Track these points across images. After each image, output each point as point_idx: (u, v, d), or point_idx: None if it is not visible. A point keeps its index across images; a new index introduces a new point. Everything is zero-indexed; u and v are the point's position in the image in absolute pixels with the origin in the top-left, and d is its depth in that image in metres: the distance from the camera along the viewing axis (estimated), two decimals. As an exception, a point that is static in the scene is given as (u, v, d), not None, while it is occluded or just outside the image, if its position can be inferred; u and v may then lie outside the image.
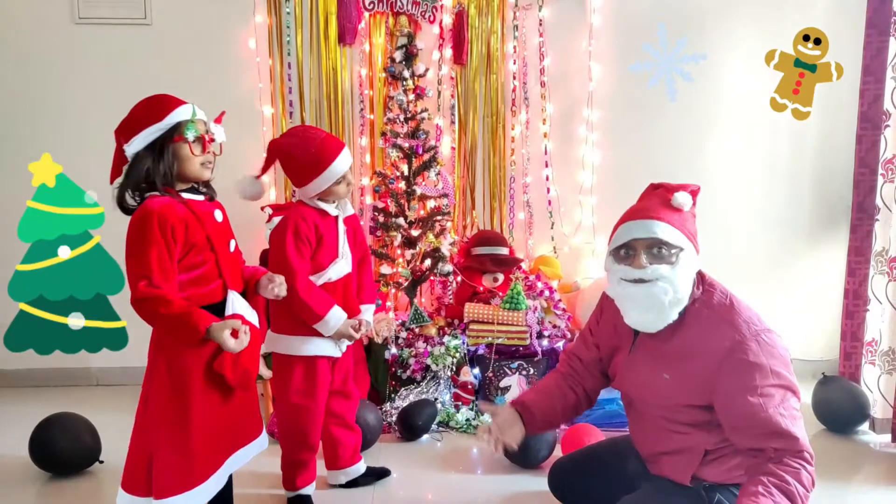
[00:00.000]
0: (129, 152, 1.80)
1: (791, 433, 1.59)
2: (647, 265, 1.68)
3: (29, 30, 3.42)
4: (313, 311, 2.15)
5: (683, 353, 1.71)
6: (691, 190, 1.78)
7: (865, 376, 3.01)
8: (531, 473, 2.59)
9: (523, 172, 3.66)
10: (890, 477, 2.58)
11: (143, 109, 1.81)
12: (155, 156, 1.78)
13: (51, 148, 3.32)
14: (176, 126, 1.79)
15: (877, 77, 2.94)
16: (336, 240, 2.26)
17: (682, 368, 1.71)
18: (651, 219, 1.70)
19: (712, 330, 1.69)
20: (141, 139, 1.78)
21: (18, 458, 2.65)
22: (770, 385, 1.62)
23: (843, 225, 3.28)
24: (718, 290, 1.75)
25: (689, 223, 1.73)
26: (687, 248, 1.69)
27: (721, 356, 1.65)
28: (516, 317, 3.09)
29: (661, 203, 1.74)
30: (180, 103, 1.82)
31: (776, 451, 1.60)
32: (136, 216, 1.76)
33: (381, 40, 3.52)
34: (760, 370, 1.63)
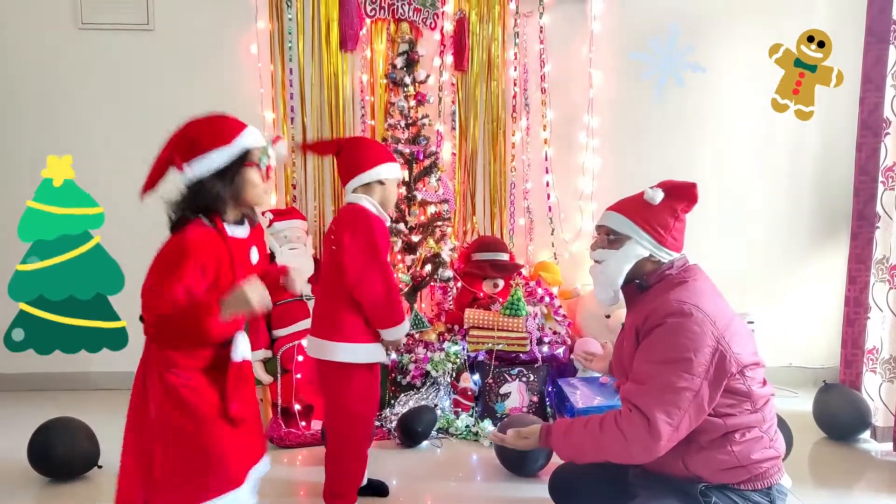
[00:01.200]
0: (189, 175, 1.71)
1: (642, 383, 1.69)
2: (596, 248, 1.94)
3: (32, 35, 3.44)
4: (398, 315, 2.16)
5: (635, 321, 1.83)
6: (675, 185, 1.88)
7: (866, 384, 3.00)
8: (530, 481, 2.59)
9: (524, 178, 3.66)
10: (891, 485, 2.57)
11: (207, 130, 1.73)
12: (225, 182, 1.72)
13: (53, 152, 3.35)
14: (245, 152, 1.74)
15: (877, 85, 2.94)
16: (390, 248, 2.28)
17: (632, 335, 1.83)
18: (610, 209, 1.93)
19: (658, 300, 1.78)
20: (206, 162, 1.70)
21: (17, 463, 2.64)
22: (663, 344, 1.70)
23: (844, 232, 3.28)
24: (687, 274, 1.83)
25: (653, 216, 1.85)
26: (636, 237, 1.84)
27: (646, 318, 1.76)
28: (516, 323, 3.09)
29: (638, 196, 1.90)
30: (243, 126, 1.77)
31: (623, 397, 1.74)
32: (177, 241, 1.69)
33: (383, 46, 3.53)
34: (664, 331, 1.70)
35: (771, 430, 1.77)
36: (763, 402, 1.75)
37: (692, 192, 1.87)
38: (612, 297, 1.90)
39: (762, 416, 1.74)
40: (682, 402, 1.65)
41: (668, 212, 1.86)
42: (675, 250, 1.87)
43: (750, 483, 1.73)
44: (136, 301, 1.70)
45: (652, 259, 1.85)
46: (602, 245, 1.91)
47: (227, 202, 1.74)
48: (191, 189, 1.73)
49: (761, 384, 1.77)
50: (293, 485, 2.57)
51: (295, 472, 2.68)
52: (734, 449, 1.71)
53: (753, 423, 1.73)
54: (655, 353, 1.71)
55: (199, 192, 1.72)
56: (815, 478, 2.66)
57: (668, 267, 1.85)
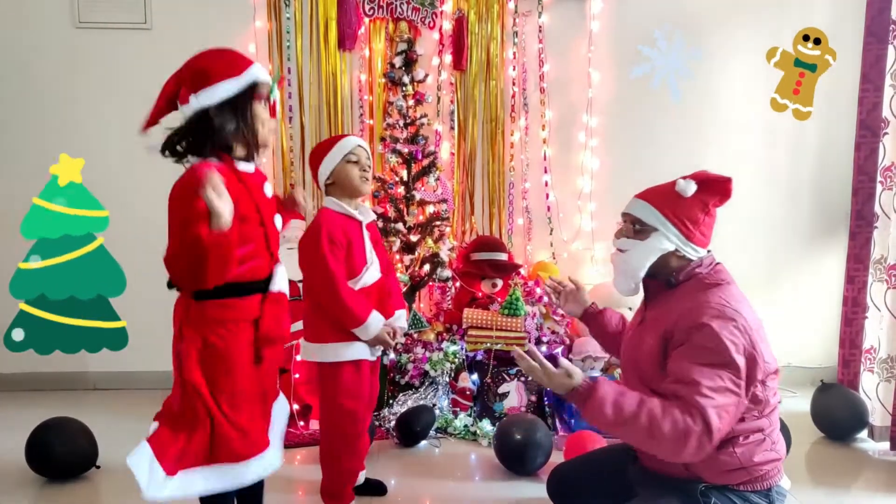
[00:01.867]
0: (194, 106, 1.64)
1: (697, 384, 1.59)
2: (620, 237, 1.87)
3: (30, 34, 3.43)
4: (356, 316, 2.14)
5: (663, 316, 1.77)
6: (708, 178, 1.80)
7: (864, 384, 3.01)
8: (529, 480, 2.59)
9: (522, 178, 3.66)
10: (889, 485, 2.58)
11: (216, 62, 1.67)
12: (237, 114, 1.66)
13: (51, 151, 3.34)
14: (253, 84, 1.69)
15: (876, 84, 2.94)
16: (363, 245, 2.24)
17: (656, 329, 1.77)
18: (638, 197, 1.86)
19: (691, 298, 1.73)
20: (213, 93, 1.63)
21: (15, 463, 2.64)
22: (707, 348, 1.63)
23: (842, 232, 3.29)
24: (720, 276, 1.79)
25: (683, 208, 1.78)
26: (663, 229, 1.78)
27: (682, 317, 1.70)
28: (515, 322, 3.09)
29: (670, 185, 1.82)
30: (251, 61, 1.72)
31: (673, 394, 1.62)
32: (185, 180, 1.60)
33: (381, 46, 3.52)
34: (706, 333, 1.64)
35: (774, 433, 1.77)
36: (771, 410, 1.75)
37: (726, 187, 1.81)
38: (631, 289, 1.84)
39: (768, 420, 1.74)
40: (730, 407, 1.62)
41: (698, 206, 1.80)
42: (702, 246, 1.81)
43: (750, 484, 1.73)
44: (137, 303, 1.70)
45: (677, 254, 1.79)
46: (627, 234, 1.85)
47: (234, 137, 1.68)
48: (197, 121, 1.66)
49: (774, 393, 1.75)
50: (292, 483, 2.57)
51: (293, 472, 2.68)
52: (737, 451, 1.71)
53: (759, 428, 1.73)
54: (701, 355, 1.63)
55: (207, 123, 1.65)
56: (812, 477, 2.67)
57: (697, 265, 1.80)
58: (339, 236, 2.15)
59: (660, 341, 1.74)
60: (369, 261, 2.24)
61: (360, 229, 2.25)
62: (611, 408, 1.61)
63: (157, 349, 3.37)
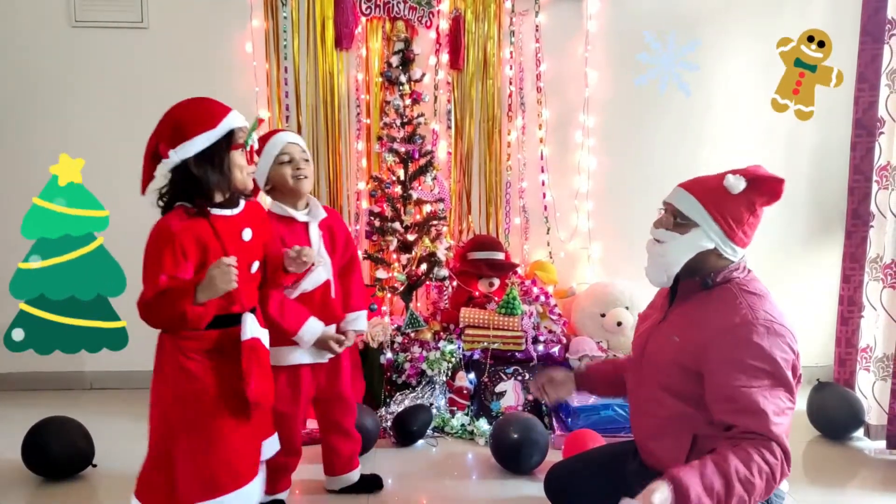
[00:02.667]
0: (174, 160, 1.71)
1: (766, 415, 1.55)
2: (658, 227, 1.78)
3: (26, 33, 3.41)
4: (286, 329, 2.11)
5: (697, 318, 1.72)
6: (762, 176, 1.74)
7: (860, 382, 3.01)
8: (526, 479, 2.59)
9: (519, 177, 3.66)
10: (885, 483, 2.59)
11: (191, 115, 1.73)
12: (214, 165, 1.72)
13: (48, 150, 3.33)
14: (230, 133, 1.75)
15: (871, 84, 2.95)
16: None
17: (691, 332, 1.72)
18: (682, 187, 1.77)
19: (732, 307, 1.68)
20: (190, 147, 1.70)
21: (11, 462, 2.63)
22: (762, 369, 1.59)
23: (838, 231, 3.29)
24: (757, 284, 1.75)
25: (729, 206, 1.71)
26: (705, 226, 1.71)
27: (725, 328, 1.64)
28: (512, 322, 3.09)
29: (718, 178, 1.74)
30: (228, 109, 1.77)
31: (745, 430, 1.57)
32: (156, 231, 1.71)
33: (378, 45, 3.52)
34: (759, 351, 1.60)
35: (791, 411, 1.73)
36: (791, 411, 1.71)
37: (778, 188, 1.75)
38: (663, 282, 1.78)
39: None
40: (789, 425, 1.61)
41: (745, 204, 1.72)
42: (742, 246, 1.75)
43: None
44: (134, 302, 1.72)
45: (716, 252, 1.73)
46: (666, 225, 1.76)
47: (215, 186, 1.74)
48: (177, 175, 1.73)
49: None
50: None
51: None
52: None
53: None
54: (760, 376, 1.59)
55: (186, 177, 1.72)
56: (808, 476, 2.67)
57: (735, 267, 1.74)
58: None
59: (693, 350, 1.68)
60: (316, 262, 2.14)
61: (305, 231, 2.19)
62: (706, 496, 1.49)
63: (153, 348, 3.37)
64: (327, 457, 2.43)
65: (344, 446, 2.42)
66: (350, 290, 2.34)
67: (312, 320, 2.16)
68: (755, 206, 1.74)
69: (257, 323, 1.85)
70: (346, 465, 2.45)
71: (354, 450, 2.47)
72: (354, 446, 2.46)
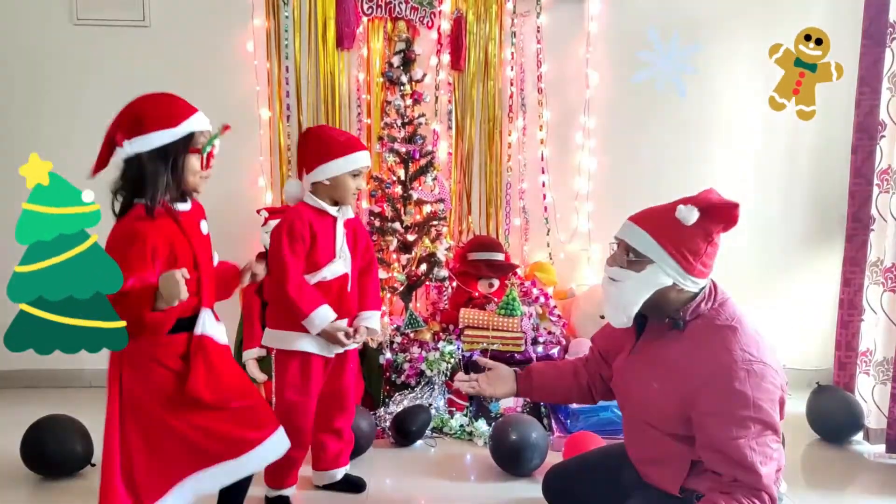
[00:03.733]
0: (128, 151, 1.69)
1: (755, 469, 1.56)
2: (612, 265, 1.72)
3: (27, 31, 3.41)
4: (300, 309, 2.16)
5: (675, 366, 1.69)
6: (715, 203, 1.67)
7: (860, 386, 3.01)
8: (524, 481, 2.59)
9: (520, 178, 3.66)
10: (884, 487, 2.58)
11: (153, 110, 1.71)
12: (167, 164, 1.70)
13: (48, 149, 3.32)
14: (189, 136, 1.72)
15: (872, 87, 2.95)
16: (333, 239, 2.26)
17: (670, 379, 1.69)
18: (633, 222, 1.70)
19: (707, 349, 1.64)
20: (146, 141, 1.68)
21: (9, 460, 2.62)
22: (749, 417, 1.58)
23: (839, 235, 3.29)
24: (728, 312, 1.69)
25: (684, 239, 1.64)
26: (660, 262, 1.64)
27: (707, 376, 1.61)
28: (511, 323, 3.09)
29: (669, 210, 1.67)
30: (193, 110, 1.74)
31: (735, 481, 1.58)
32: (120, 230, 1.69)
33: (379, 45, 3.52)
34: (743, 399, 1.58)
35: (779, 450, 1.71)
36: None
37: (733, 215, 1.67)
38: (623, 323, 1.71)
39: None
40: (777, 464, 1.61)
41: (701, 235, 1.65)
42: (703, 278, 1.68)
43: None
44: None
45: (676, 288, 1.66)
46: (620, 263, 1.69)
47: (164, 185, 1.71)
48: (129, 168, 1.71)
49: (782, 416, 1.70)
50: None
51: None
52: None
53: None
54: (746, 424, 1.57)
55: (138, 170, 1.69)
56: (807, 479, 2.67)
57: (700, 299, 1.68)
58: (300, 229, 2.19)
59: (678, 400, 1.66)
60: (337, 255, 2.26)
61: (334, 224, 2.28)
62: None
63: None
64: (315, 451, 2.45)
65: (333, 444, 2.43)
66: (367, 291, 2.39)
67: (326, 307, 2.20)
68: (711, 235, 1.66)
69: (213, 319, 1.84)
70: (331, 463, 2.45)
71: (343, 449, 2.47)
72: (343, 446, 2.47)
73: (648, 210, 1.73)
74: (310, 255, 2.22)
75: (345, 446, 2.47)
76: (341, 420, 2.42)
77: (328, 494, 2.46)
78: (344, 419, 2.43)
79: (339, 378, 2.37)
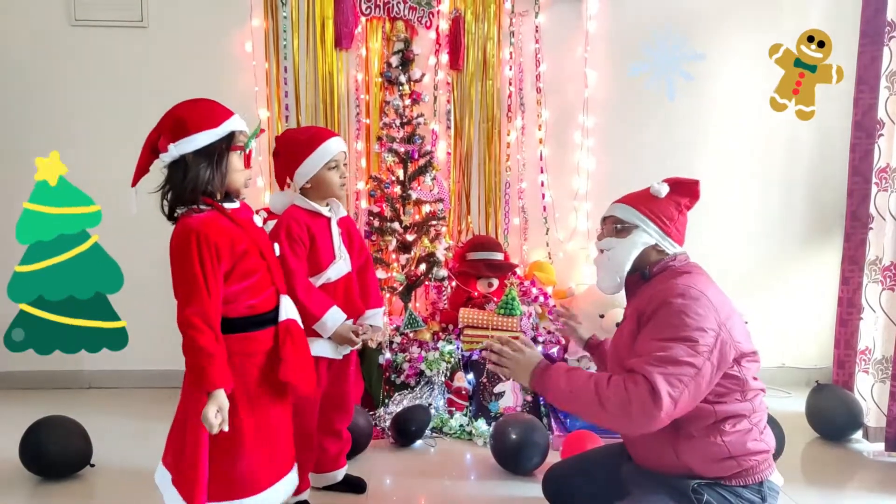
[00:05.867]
0: (173, 154, 1.72)
1: (649, 355, 1.66)
2: (603, 237, 1.99)
3: (25, 31, 3.42)
4: (311, 313, 2.15)
5: (637, 308, 1.85)
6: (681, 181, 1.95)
7: (859, 384, 3.01)
8: (524, 480, 2.59)
9: (518, 178, 3.66)
10: (883, 485, 2.59)
11: (194, 112, 1.75)
12: (212, 162, 1.73)
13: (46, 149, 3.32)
14: (230, 135, 1.76)
15: (871, 86, 2.95)
16: (330, 241, 2.26)
17: (633, 320, 1.84)
18: (617, 202, 2.00)
19: (664, 287, 1.80)
20: (191, 143, 1.71)
21: (9, 461, 2.63)
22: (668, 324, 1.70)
23: (837, 233, 3.29)
24: (694, 266, 1.90)
25: (659, 207, 1.92)
26: (643, 225, 1.90)
27: (655, 306, 1.76)
28: (511, 322, 3.09)
29: (643, 191, 1.98)
30: (230, 112, 1.80)
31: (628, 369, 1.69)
32: (176, 235, 1.71)
33: (378, 45, 3.52)
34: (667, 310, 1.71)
35: (761, 423, 1.79)
36: (753, 394, 1.77)
37: (695, 189, 1.94)
38: (616, 285, 1.94)
39: (752, 406, 1.76)
40: (684, 377, 1.64)
41: (672, 205, 1.93)
42: (679, 242, 1.93)
43: (741, 478, 1.74)
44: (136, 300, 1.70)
45: (657, 248, 1.91)
46: (608, 235, 1.97)
47: (210, 185, 1.74)
48: (174, 170, 1.74)
49: (754, 377, 1.78)
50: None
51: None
52: (725, 439, 1.73)
53: (743, 413, 1.74)
54: (660, 330, 1.71)
55: (184, 171, 1.72)
56: (807, 477, 2.67)
57: (671, 259, 1.90)
58: (298, 232, 2.18)
59: (634, 328, 1.82)
60: (337, 255, 2.26)
61: (328, 225, 2.27)
62: (564, 378, 1.73)
63: (152, 348, 3.37)
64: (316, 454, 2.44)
65: (332, 445, 2.43)
66: (368, 288, 2.39)
67: (336, 309, 2.20)
68: (681, 205, 1.94)
69: (293, 307, 1.88)
70: (331, 464, 2.45)
71: (342, 449, 2.47)
72: (343, 446, 2.47)
73: (627, 194, 2.03)
74: (311, 258, 2.22)
75: (343, 446, 2.48)
76: (341, 422, 2.43)
77: (330, 495, 2.46)
78: (344, 421, 2.44)
79: (341, 380, 2.37)
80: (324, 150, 2.21)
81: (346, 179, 2.28)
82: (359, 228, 3.49)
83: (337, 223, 2.30)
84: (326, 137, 2.23)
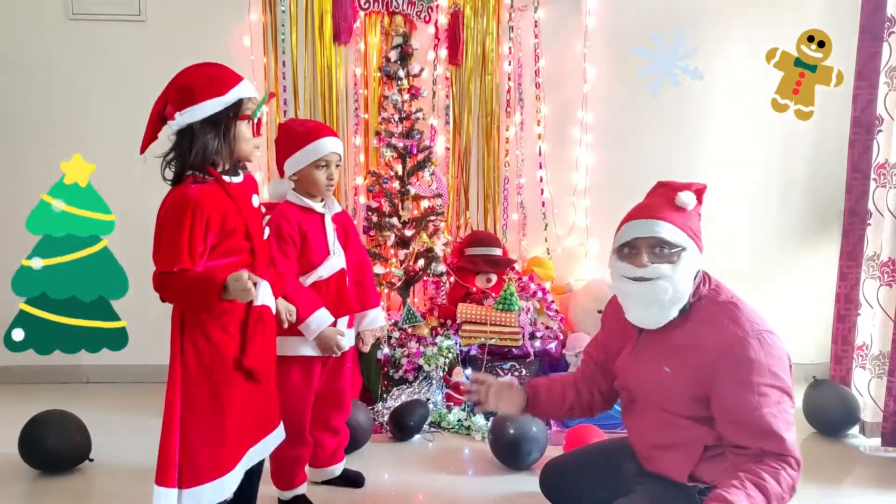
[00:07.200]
0: (180, 122, 1.69)
1: (779, 435, 1.61)
2: (649, 264, 1.71)
3: (22, 25, 3.40)
4: (297, 314, 2.12)
5: (685, 347, 1.73)
6: (696, 189, 1.80)
7: (856, 380, 3.02)
8: (523, 474, 2.59)
9: (517, 173, 3.66)
10: (880, 481, 2.60)
11: (202, 79, 1.72)
12: (219, 132, 1.71)
13: (45, 144, 3.32)
14: (238, 103, 1.73)
15: (870, 82, 2.95)
16: (324, 237, 2.24)
17: (682, 361, 1.73)
18: (653, 218, 1.73)
19: (715, 325, 1.70)
20: (198, 111, 1.68)
21: (7, 456, 2.63)
22: (766, 384, 1.64)
23: (835, 229, 3.30)
24: (725, 292, 1.79)
25: (692, 222, 1.76)
26: (689, 247, 1.72)
27: (721, 350, 1.67)
28: (509, 318, 3.10)
29: (665, 202, 1.76)
30: (239, 77, 1.76)
31: (762, 451, 1.62)
32: (172, 199, 1.68)
33: (377, 40, 3.51)
34: (759, 368, 1.64)
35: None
36: None
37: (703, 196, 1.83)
38: (668, 318, 1.74)
39: None
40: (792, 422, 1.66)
41: (697, 217, 1.79)
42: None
43: None
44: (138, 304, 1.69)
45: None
46: (653, 260, 1.71)
47: (218, 153, 1.72)
48: (181, 138, 1.72)
49: None
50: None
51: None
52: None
53: None
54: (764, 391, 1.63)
55: (191, 141, 1.70)
56: (803, 472, 2.64)
57: (700, 282, 1.76)
58: (287, 230, 2.15)
59: (690, 377, 1.71)
60: (331, 252, 2.23)
61: (322, 221, 2.25)
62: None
63: (151, 343, 3.35)
64: (313, 450, 2.43)
65: (329, 442, 2.43)
66: (366, 287, 2.38)
67: (323, 311, 2.18)
68: (700, 215, 1.81)
69: (270, 291, 1.85)
70: (329, 459, 2.46)
71: (340, 444, 2.48)
72: (340, 441, 2.47)
73: (647, 205, 1.80)
74: (303, 256, 2.19)
75: (341, 440, 2.48)
76: (338, 418, 2.43)
77: (328, 489, 2.47)
78: (341, 417, 2.44)
79: (337, 377, 2.37)
80: (315, 148, 2.18)
81: (334, 181, 2.22)
82: (356, 224, 3.51)
83: (332, 219, 2.28)
84: (322, 135, 2.20)
